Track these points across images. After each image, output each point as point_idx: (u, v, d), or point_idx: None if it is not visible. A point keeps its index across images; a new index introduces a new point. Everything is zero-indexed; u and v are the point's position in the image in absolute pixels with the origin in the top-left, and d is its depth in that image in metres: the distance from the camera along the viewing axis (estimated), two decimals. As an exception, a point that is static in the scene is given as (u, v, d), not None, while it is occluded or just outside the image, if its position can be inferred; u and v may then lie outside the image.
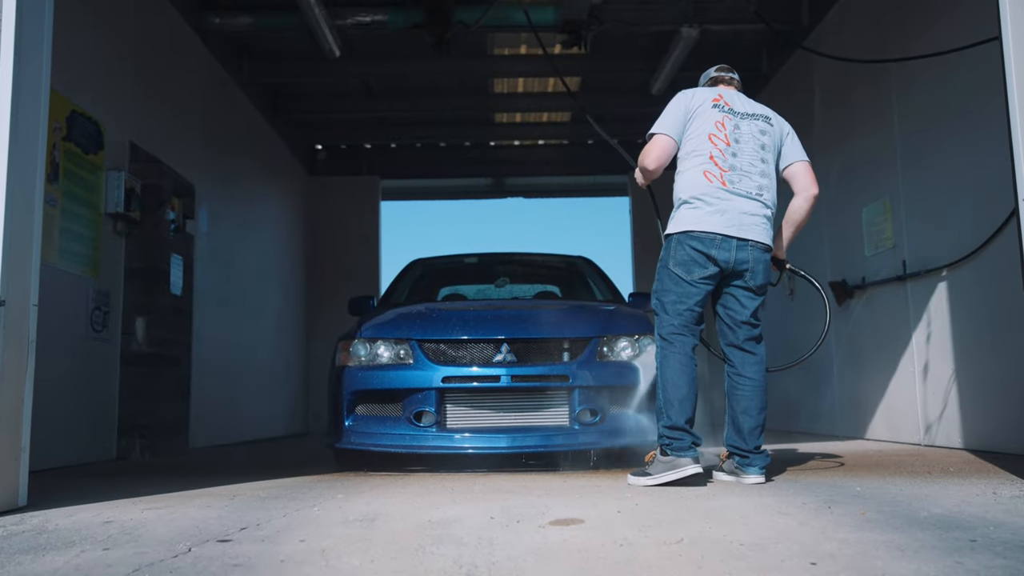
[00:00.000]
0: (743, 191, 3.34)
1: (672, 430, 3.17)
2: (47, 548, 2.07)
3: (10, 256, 2.69)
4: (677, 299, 3.29)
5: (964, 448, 4.64)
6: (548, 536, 2.10)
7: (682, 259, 3.29)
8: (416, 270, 5.95)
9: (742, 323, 3.37)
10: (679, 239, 3.31)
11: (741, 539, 1.99)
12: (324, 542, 2.07)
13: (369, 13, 6.81)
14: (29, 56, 2.82)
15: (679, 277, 3.29)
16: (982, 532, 2.03)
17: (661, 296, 3.34)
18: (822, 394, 6.73)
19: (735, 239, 3.28)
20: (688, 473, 3.10)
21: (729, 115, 3.44)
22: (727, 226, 3.28)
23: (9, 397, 2.69)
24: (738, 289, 3.36)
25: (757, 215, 3.34)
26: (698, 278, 3.28)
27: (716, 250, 3.26)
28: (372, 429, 4.13)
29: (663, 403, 3.22)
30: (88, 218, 4.93)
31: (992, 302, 4.40)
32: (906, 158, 5.32)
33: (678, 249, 3.31)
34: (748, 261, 3.31)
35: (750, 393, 3.32)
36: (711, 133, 3.38)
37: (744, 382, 3.33)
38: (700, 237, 3.26)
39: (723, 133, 3.39)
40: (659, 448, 3.21)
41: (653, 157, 3.43)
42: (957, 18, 4.68)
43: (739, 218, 3.29)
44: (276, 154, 9.35)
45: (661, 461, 3.16)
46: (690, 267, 3.28)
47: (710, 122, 3.40)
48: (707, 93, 3.50)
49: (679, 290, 3.29)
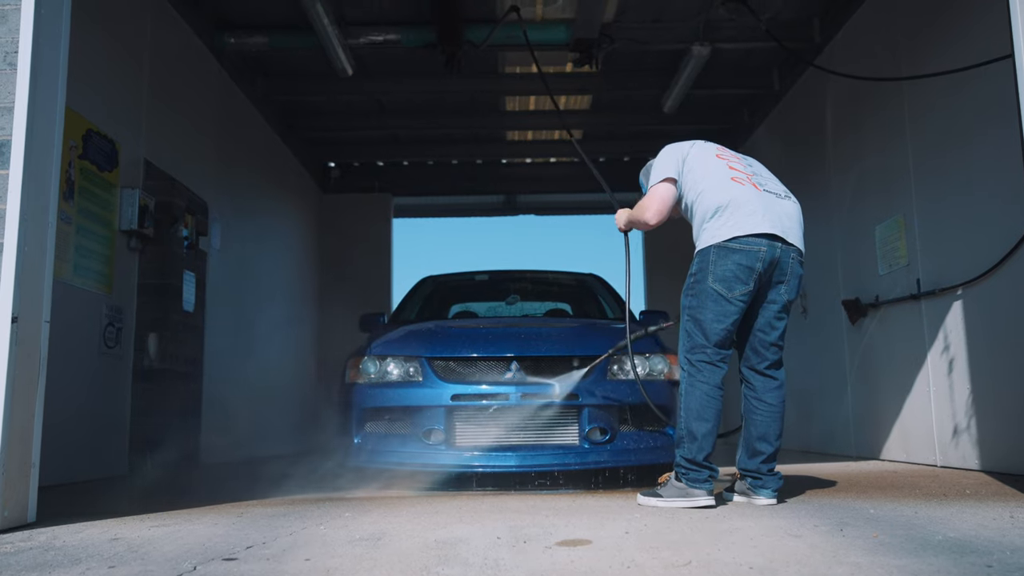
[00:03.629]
0: (775, 191, 3.27)
1: (690, 463, 3.10)
2: (53, 565, 2.07)
3: (24, 273, 2.71)
4: (715, 318, 3.12)
5: (981, 469, 4.57)
6: (555, 557, 2.08)
7: (723, 274, 3.11)
8: (427, 287, 5.95)
9: (771, 345, 3.26)
10: (719, 252, 3.12)
11: (751, 562, 1.96)
12: (330, 561, 2.06)
13: (382, 32, 6.86)
14: (45, 75, 2.85)
15: (719, 294, 3.11)
16: (999, 557, 1.99)
17: (697, 314, 3.15)
18: (836, 414, 6.67)
19: (780, 241, 3.14)
20: (700, 504, 3.06)
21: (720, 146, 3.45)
22: (772, 226, 3.12)
23: (20, 413, 2.70)
24: (771, 305, 3.23)
25: (793, 217, 3.25)
26: (739, 295, 3.11)
27: (760, 263, 3.09)
28: (381, 447, 4.12)
29: (685, 434, 3.11)
30: (102, 235, 4.97)
31: (1008, 321, 4.35)
32: (920, 176, 5.29)
33: (719, 263, 3.11)
34: (787, 271, 3.19)
35: (769, 419, 3.24)
36: (717, 153, 3.36)
37: (763, 407, 3.24)
38: (744, 250, 3.09)
39: (727, 153, 3.40)
40: (675, 473, 3.16)
41: (656, 210, 3.33)
42: (970, 36, 4.66)
43: (780, 219, 3.16)
44: (289, 171, 9.41)
45: (675, 487, 3.11)
46: (732, 284, 3.10)
47: (711, 150, 3.38)
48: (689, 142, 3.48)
49: (718, 308, 3.11)
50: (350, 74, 7.29)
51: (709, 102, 8.89)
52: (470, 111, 9.20)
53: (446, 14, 6.59)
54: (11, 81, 2.70)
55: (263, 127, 8.32)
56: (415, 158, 10.69)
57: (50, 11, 2.85)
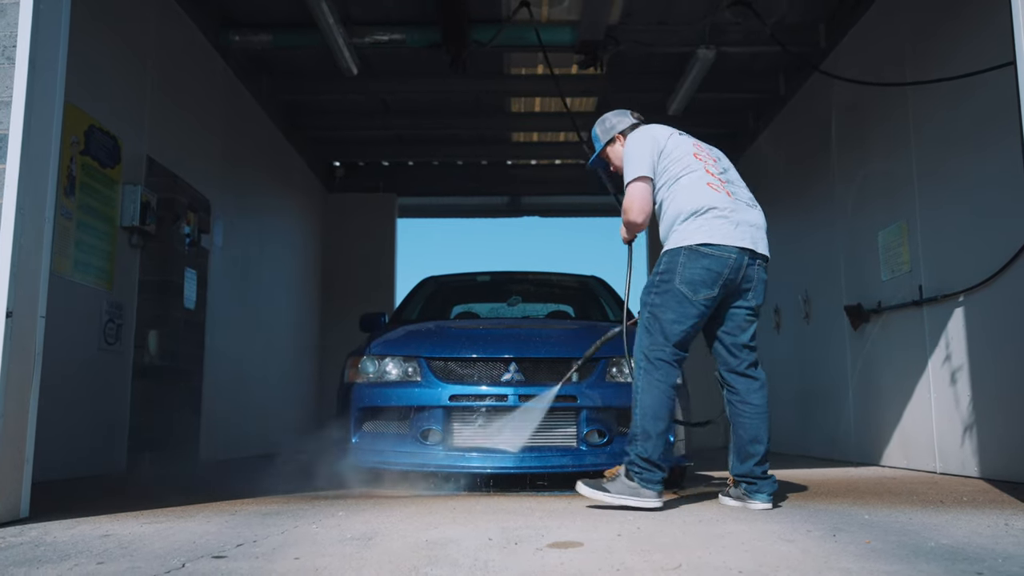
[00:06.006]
0: (746, 199, 3.31)
1: (646, 462, 3.10)
2: (42, 561, 2.06)
3: (19, 268, 2.71)
4: (676, 319, 3.16)
5: (980, 477, 4.55)
6: (545, 559, 2.07)
7: (691, 277, 3.15)
8: (428, 288, 5.94)
9: (743, 347, 3.29)
10: (689, 254, 3.16)
11: (741, 566, 1.95)
12: (319, 560, 2.05)
13: (387, 32, 6.87)
14: (44, 69, 2.85)
15: (683, 295, 3.16)
16: (990, 564, 1.98)
17: (659, 312, 3.19)
18: (837, 419, 6.65)
19: (748, 252, 3.20)
20: (650, 506, 3.05)
21: (694, 140, 3.44)
22: (742, 238, 3.18)
23: (14, 409, 2.70)
24: (739, 310, 3.29)
25: (761, 227, 3.31)
26: (703, 298, 3.16)
27: (729, 270, 3.16)
28: (379, 446, 4.11)
29: (640, 432, 3.12)
30: (104, 231, 4.97)
31: (1010, 328, 4.33)
32: (923, 182, 5.27)
33: (688, 265, 3.16)
34: (753, 279, 3.25)
35: (757, 421, 3.24)
36: (694, 152, 3.35)
37: (749, 409, 3.24)
38: (714, 256, 3.14)
39: (703, 151, 3.38)
40: (625, 470, 3.14)
41: (638, 208, 3.33)
42: (975, 43, 4.64)
43: (750, 231, 3.23)
44: (294, 170, 9.42)
45: (626, 484, 3.09)
46: (698, 287, 3.15)
47: (686, 145, 3.37)
48: (663, 129, 3.46)
49: (681, 309, 3.16)
50: (355, 73, 7.30)
51: (714, 106, 8.87)
52: (475, 112, 9.20)
53: (451, 14, 6.59)
54: (9, 75, 2.71)
55: (268, 125, 8.33)
56: (420, 158, 10.70)
57: (50, 5, 2.86)
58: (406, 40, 6.87)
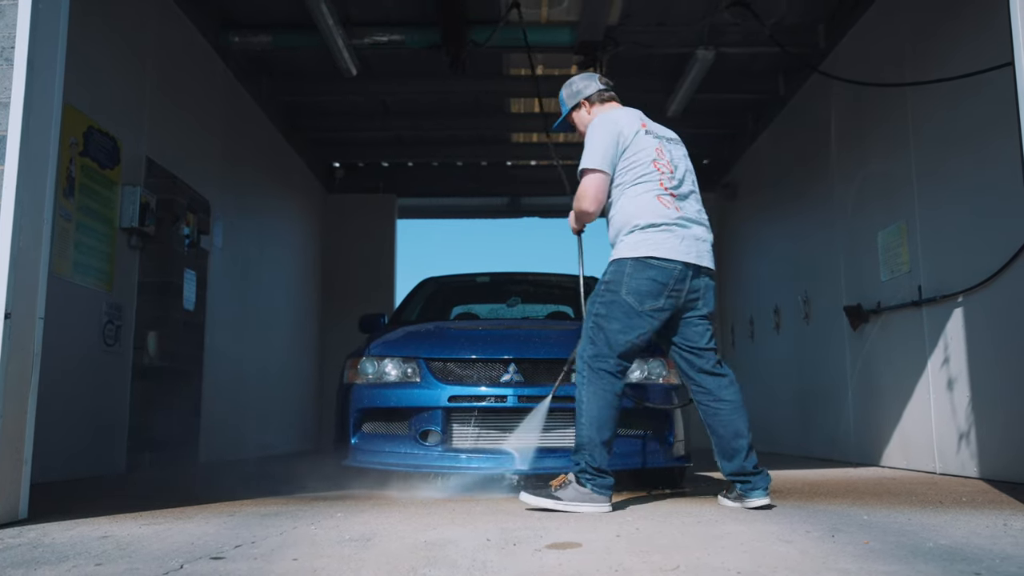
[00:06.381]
0: (693, 216, 3.32)
1: (597, 470, 3.12)
2: (40, 562, 2.06)
3: (18, 269, 2.71)
4: (622, 329, 3.17)
5: (980, 477, 4.55)
6: (543, 560, 2.07)
7: (637, 287, 3.17)
8: (428, 289, 5.94)
9: (704, 349, 3.31)
10: (636, 265, 3.19)
11: (739, 567, 1.95)
12: (317, 562, 2.05)
13: (386, 33, 6.87)
14: (42, 71, 2.85)
15: (629, 306, 3.17)
16: (988, 564, 1.98)
17: (604, 323, 3.19)
18: (837, 420, 6.65)
19: (692, 267, 3.24)
20: (601, 511, 3.06)
21: (659, 140, 3.40)
22: (687, 254, 3.23)
23: (12, 410, 2.70)
24: (692, 319, 3.31)
25: (707, 241, 3.34)
26: (649, 309, 3.18)
27: (674, 281, 3.19)
28: (378, 447, 4.10)
29: (587, 442, 3.13)
30: (103, 232, 4.98)
31: (1009, 328, 4.33)
32: (922, 183, 5.27)
33: (634, 277, 3.18)
34: (700, 289, 3.28)
35: (736, 416, 3.24)
36: (654, 160, 3.32)
37: (725, 406, 3.25)
38: (661, 267, 3.18)
39: (663, 159, 3.35)
40: (576, 478, 3.13)
41: (591, 198, 3.33)
42: (975, 43, 4.64)
43: (696, 245, 3.27)
44: (293, 171, 9.42)
45: (578, 491, 3.09)
46: (644, 298, 3.17)
47: (650, 148, 3.34)
48: (632, 120, 3.41)
49: (627, 320, 3.17)
50: (355, 74, 7.30)
51: (714, 107, 8.87)
52: (475, 112, 9.20)
53: (451, 15, 6.60)
54: (7, 76, 2.71)
55: (267, 126, 8.33)
56: (420, 159, 10.70)
57: (48, 6, 2.86)
58: (405, 41, 6.87)
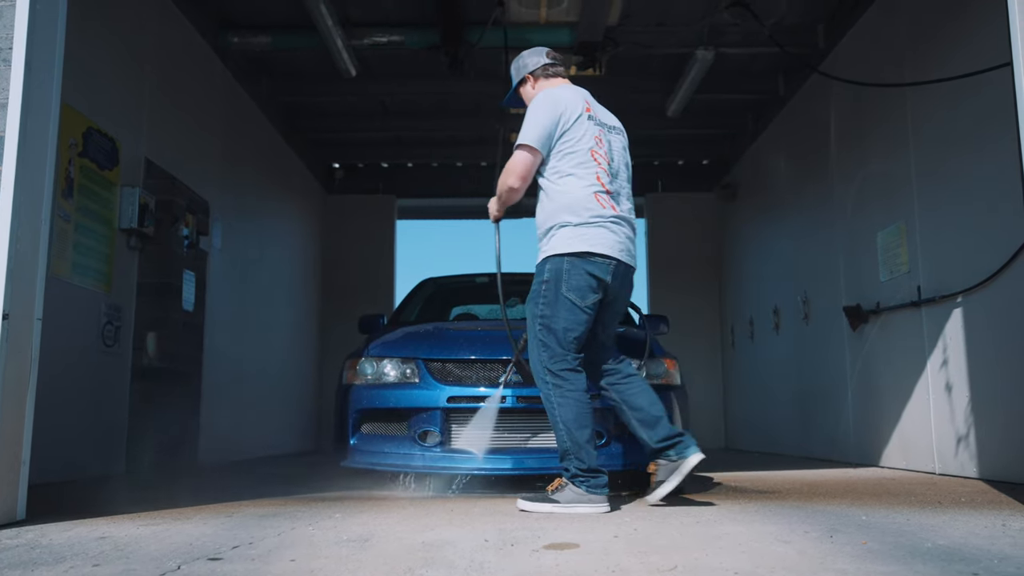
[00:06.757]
0: (624, 214, 3.35)
1: (588, 472, 3.12)
2: (37, 563, 2.06)
3: (16, 270, 2.71)
4: (569, 326, 3.18)
5: (979, 478, 4.55)
6: (541, 560, 2.07)
7: (577, 284, 3.18)
8: (427, 289, 5.95)
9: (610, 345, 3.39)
10: (573, 262, 3.19)
11: (737, 567, 1.95)
12: (314, 562, 2.05)
13: (386, 33, 6.87)
14: (40, 71, 2.85)
15: (572, 303, 3.18)
16: (985, 565, 1.97)
17: (551, 323, 3.19)
18: (837, 420, 6.64)
19: (623, 265, 3.28)
20: (601, 511, 3.06)
21: (601, 128, 3.37)
22: (619, 251, 3.26)
23: (10, 411, 2.70)
24: (608, 313, 3.37)
25: (632, 239, 3.38)
26: (590, 304, 3.21)
27: (609, 276, 3.23)
28: (377, 448, 4.11)
29: (571, 446, 3.13)
30: (102, 233, 4.97)
31: (1008, 329, 4.33)
32: (922, 183, 5.27)
33: (573, 272, 3.19)
34: (625, 284, 3.34)
35: (645, 385, 3.28)
36: (592, 149, 3.30)
37: (635, 381, 3.30)
38: (596, 262, 3.19)
39: (602, 150, 3.33)
40: (570, 483, 3.13)
41: (518, 174, 3.32)
42: (974, 44, 4.64)
43: (626, 244, 3.31)
44: (293, 172, 9.42)
45: (575, 492, 3.10)
46: (585, 293, 3.19)
47: (589, 136, 3.31)
48: (576, 101, 3.36)
49: (572, 317, 3.18)
50: (354, 75, 7.30)
51: (713, 107, 8.87)
52: (474, 113, 9.20)
53: (450, 16, 6.60)
54: (5, 77, 2.71)
55: (267, 127, 8.33)
56: (419, 160, 10.69)
57: (46, 7, 2.86)
58: (405, 42, 6.87)
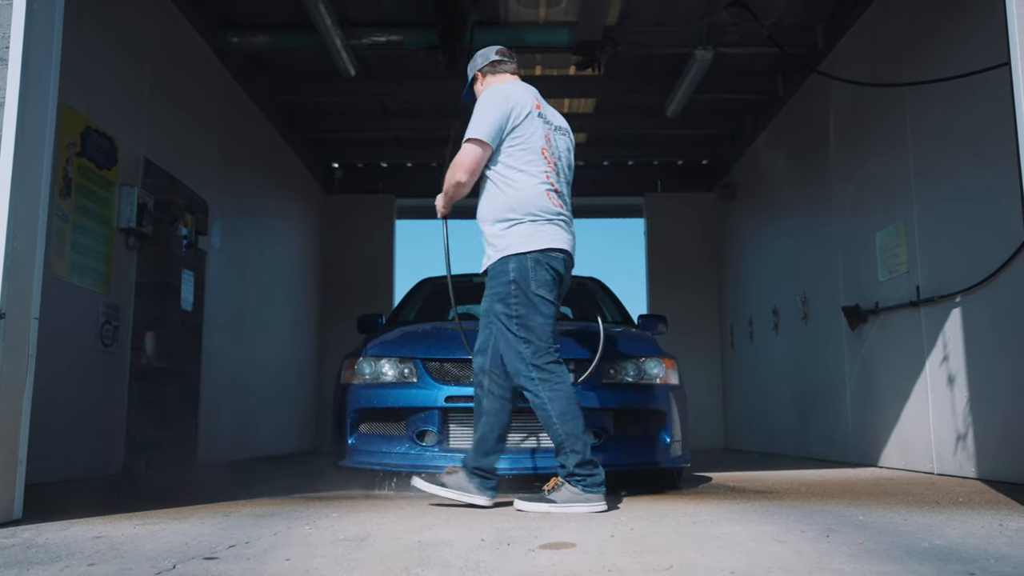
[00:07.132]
0: (568, 213, 3.41)
1: (584, 466, 3.09)
2: (32, 563, 2.06)
3: (12, 269, 2.71)
4: (544, 322, 3.21)
5: (977, 478, 4.54)
6: (536, 560, 2.07)
7: (543, 280, 3.22)
8: (426, 289, 5.94)
9: None
10: (537, 258, 3.21)
11: (732, 567, 1.94)
12: (310, 562, 2.05)
13: (384, 33, 6.87)
14: (37, 71, 2.85)
15: (543, 299, 3.21)
16: (982, 565, 1.97)
17: (528, 322, 3.19)
18: (836, 420, 6.64)
19: (571, 258, 3.36)
20: (597, 510, 3.05)
21: (549, 127, 3.40)
22: (571, 246, 3.35)
23: (7, 410, 2.70)
24: None
25: (575, 234, 3.44)
26: (555, 296, 3.27)
27: (565, 270, 3.31)
28: (375, 447, 4.10)
29: (566, 438, 3.10)
30: (100, 233, 4.97)
31: (1007, 328, 4.33)
32: (920, 183, 5.27)
33: (538, 270, 3.21)
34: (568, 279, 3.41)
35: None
36: (543, 148, 3.33)
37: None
38: (555, 256, 3.25)
39: (551, 148, 3.37)
40: (566, 482, 3.11)
41: (466, 168, 3.34)
42: (973, 44, 4.64)
43: (573, 239, 3.39)
44: (292, 172, 9.42)
45: (571, 492, 3.08)
46: (551, 287, 3.25)
47: (539, 135, 3.33)
48: (526, 98, 3.38)
49: (547, 311, 3.22)
50: (353, 75, 7.30)
51: (712, 107, 8.87)
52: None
53: (449, 16, 6.59)
54: (2, 77, 2.71)
55: (266, 127, 8.33)
56: (418, 160, 10.69)
57: (42, 6, 2.86)
58: (404, 41, 6.87)
